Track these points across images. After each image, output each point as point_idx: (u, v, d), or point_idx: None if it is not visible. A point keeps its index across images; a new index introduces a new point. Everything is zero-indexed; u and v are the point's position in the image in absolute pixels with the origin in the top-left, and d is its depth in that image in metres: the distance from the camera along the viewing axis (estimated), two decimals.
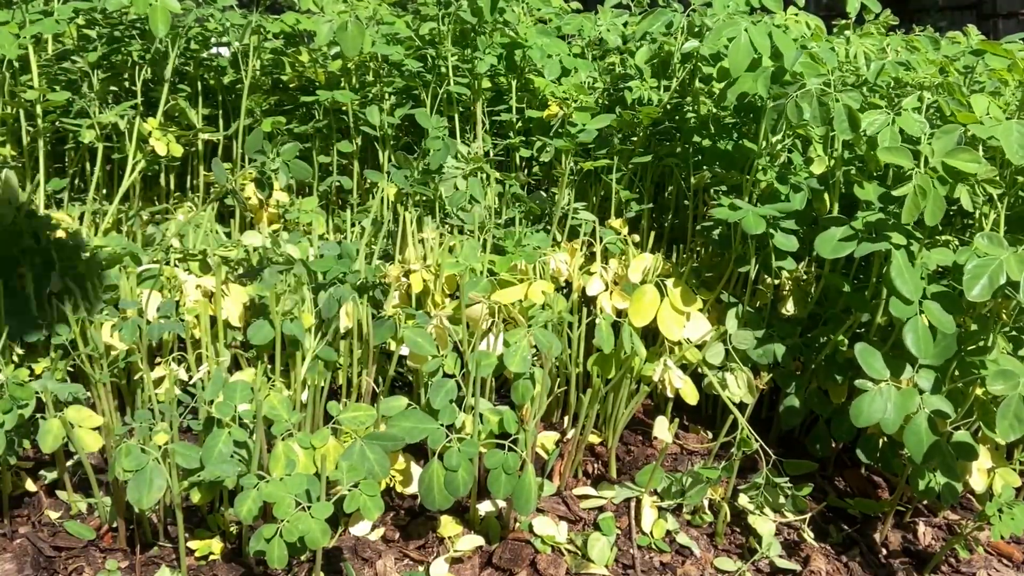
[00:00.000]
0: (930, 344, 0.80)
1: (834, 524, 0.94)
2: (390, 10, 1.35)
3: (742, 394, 0.94)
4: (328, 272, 0.89)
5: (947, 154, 0.79)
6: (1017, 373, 0.77)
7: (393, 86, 1.26)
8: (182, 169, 1.34)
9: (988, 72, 1.02)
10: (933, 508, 0.98)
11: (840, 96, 0.83)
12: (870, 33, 1.24)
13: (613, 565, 0.84)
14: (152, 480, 0.74)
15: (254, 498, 0.72)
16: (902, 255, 0.80)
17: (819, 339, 0.96)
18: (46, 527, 0.84)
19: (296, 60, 1.37)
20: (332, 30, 1.02)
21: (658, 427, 0.90)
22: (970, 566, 0.90)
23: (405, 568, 0.81)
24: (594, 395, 0.91)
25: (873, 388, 0.81)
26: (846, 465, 1.03)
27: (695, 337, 0.94)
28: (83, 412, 0.82)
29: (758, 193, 0.96)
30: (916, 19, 4.36)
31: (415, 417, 0.79)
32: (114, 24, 1.26)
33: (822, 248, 0.84)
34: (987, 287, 0.75)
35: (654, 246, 1.03)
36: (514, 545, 0.83)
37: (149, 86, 1.30)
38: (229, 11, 1.24)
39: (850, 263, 0.93)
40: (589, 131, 1.10)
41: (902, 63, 0.96)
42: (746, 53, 0.92)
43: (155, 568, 0.80)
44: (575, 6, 1.46)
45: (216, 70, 1.33)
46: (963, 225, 0.99)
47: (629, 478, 0.94)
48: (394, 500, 0.88)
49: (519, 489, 0.78)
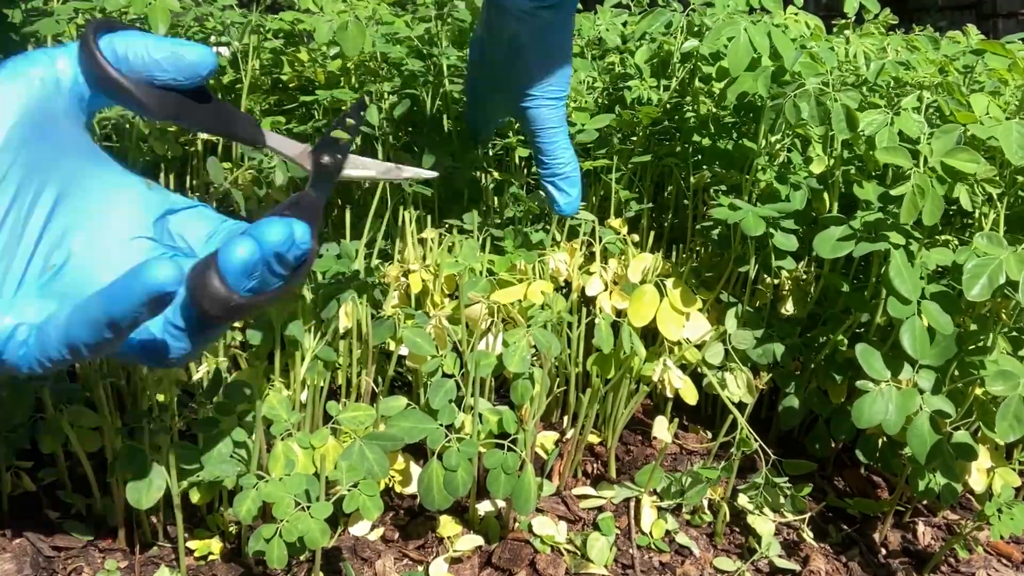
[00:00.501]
0: (927, 344, 0.80)
1: (833, 524, 0.94)
2: (389, 10, 1.35)
3: (742, 394, 0.94)
4: (327, 271, 0.89)
5: (946, 154, 0.79)
6: (1017, 373, 0.77)
7: (392, 85, 1.26)
8: (182, 169, 1.34)
9: (988, 72, 1.02)
10: (932, 508, 0.98)
11: (838, 96, 0.83)
12: (870, 33, 1.24)
13: (612, 565, 0.84)
14: (151, 480, 0.74)
15: (253, 498, 0.72)
16: (901, 255, 0.80)
17: (818, 339, 0.96)
18: (45, 527, 0.84)
19: (296, 59, 1.37)
20: (332, 29, 1.02)
21: (657, 427, 0.90)
22: (969, 566, 0.90)
23: (404, 568, 0.81)
24: (593, 395, 0.91)
25: (874, 389, 0.81)
26: (846, 465, 1.03)
27: (695, 337, 0.94)
28: (82, 412, 0.82)
29: (758, 193, 0.96)
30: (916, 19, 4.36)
31: (414, 417, 0.79)
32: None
33: (821, 248, 0.84)
34: (986, 287, 0.75)
35: (654, 246, 1.03)
36: (513, 545, 0.83)
37: None
38: (228, 10, 1.24)
39: (849, 263, 0.93)
40: (588, 131, 1.10)
41: (902, 63, 0.96)
42: (745, 52, 0.92)
43: (154, 568, 0.80)
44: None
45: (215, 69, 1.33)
46: (962, 225, 0.99)
47: (629, 478, 0.94)
48: (393, 500, 0.88)
49: (518, 489, 0.78)
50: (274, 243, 0.47)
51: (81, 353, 0.47)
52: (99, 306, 0.45)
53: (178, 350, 0.51)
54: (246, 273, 0.47)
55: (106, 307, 0.45)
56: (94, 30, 0.53)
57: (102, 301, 0.45)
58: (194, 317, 0.50)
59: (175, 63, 0.55)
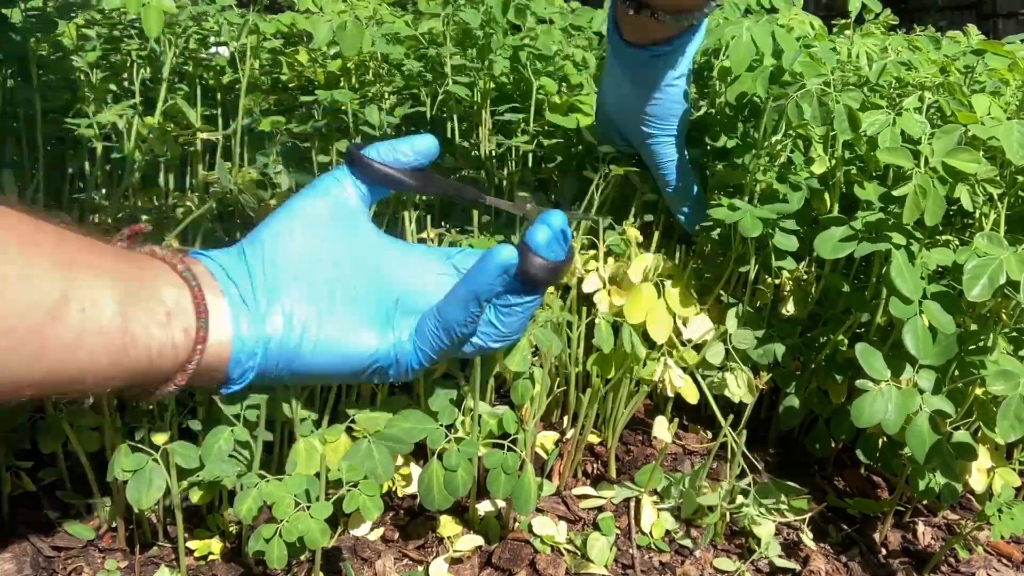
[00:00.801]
0: (929, 344, 0.80)
1: (833, 524, 0.94)
2: (390, 10, 1.35)
3: (742, 394, 0.94)
4: None
5: (947, 154, 0.79)
6: (1017, 373, 0.77)
7: (393, 85, 1.26)
8: (181, 169, 1.34)
9: (988, 72, 1.01)
10: (932, 508, 0.98)
11: (840, 96, 0.83)
12: (871, 32, 1.23)
13: (612, 565, 0.84)
14: (151, 480, 0.74)
15: (254, 498, 0.72)
16: (902, 255, 0.80)
17: (819, 339, 0.96)
18: (45, 527, 0.84)
19: (295, 60, 1.37)
20: (331, 30, 1.02)
21: (658, 427, 0.90)
22: (969, 566, 0.90)
23: (404, 568, 0.81)
24: (594, 395, 0.91)
25: (874, 389, 0.80)
26: (846, 465, 1.03)
27: (695, 337, 0.94)
28: (82, 412, 0.82)
29: (758, 193, 0.96)
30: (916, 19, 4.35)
31: (414, 417, 0.79)
32: (113, 24, 1.26)
33: (822, 248, 0.84)
34: (987, 287, 0.75)
35: (660, 243, 1.03)
36: (513, 545, 0.83)
37: (147, 85, 1.30)
38: (228, 11, 1.24)
39: (850, 263, 0.93)
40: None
41: (904, 63, 0.96)
42: (747, 52, 0.91)
43: (154, 568, 0.80)
44: (574, 5, 1.46)
45: (215, 70, 1.32)
46: (963, 225, 0.99)
47: (629, 478, 0.94)
48: (393, 500, 0.88)
49: (518, 489, 0.78)
50: (559, 224, 0.69)
51: (454, 333, 0.67)
52: (465, 287, 0.67)
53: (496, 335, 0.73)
54: (548, 246, 0.69)
55: (470, 286, 0.66)
56: (356, 149, 0.72)
57: (467, 282, 0.67)
58: (520, 288, 0.70)
59: (415, 150, 0.72)
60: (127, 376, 0.58)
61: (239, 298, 0.63)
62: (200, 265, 0.64)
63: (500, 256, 0.65)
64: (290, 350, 0.64)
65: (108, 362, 0.56)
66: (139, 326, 0.57)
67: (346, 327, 0.67)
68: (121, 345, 0.56)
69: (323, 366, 0.66)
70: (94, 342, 0.55)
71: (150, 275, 0.61)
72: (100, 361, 0.55)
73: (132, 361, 0.57)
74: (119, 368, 0.57)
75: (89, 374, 0.56)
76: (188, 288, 0.61)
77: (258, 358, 0.64)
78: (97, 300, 0.55)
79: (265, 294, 0.64)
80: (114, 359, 0.56)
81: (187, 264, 0.63)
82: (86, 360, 0.55)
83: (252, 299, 0.64)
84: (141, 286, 0.59)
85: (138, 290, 0.58)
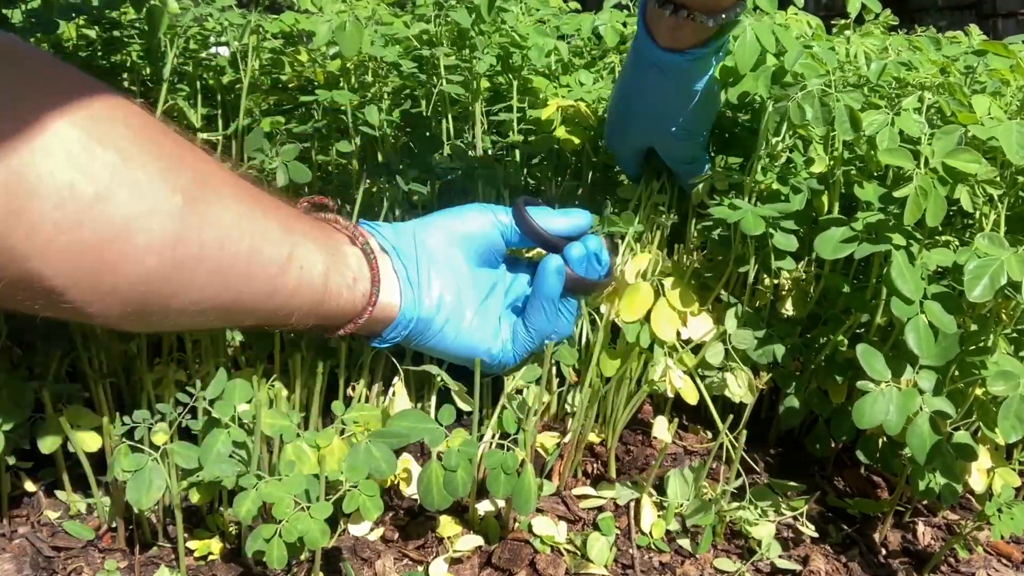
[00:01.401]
0: (932, 344, 0.80)
1: (833, 524, 0.94)
2: (389, 10, 1.35)
3: (742, 394, 0.94)
4: None
5: (947, 155, 0.79)
6: (1017, 374, 0.77)
7: (391, 85, 1.26)
8: None
9: (989, 72, 1.01)
10: (932, 508, 0.98)
11: (841, 96, 0.83)
12: (871, 33, 1.23)
13: (612, 565, 0.84)
14: (151, 480, 0.74)
15: (253, 498, 0.72)
16: (902, 256, 0.80)
17: (819, 339, 0.96)
18: (45, 527, 0.84)
19: (295, 60, 1.37)
20: (331, 30, 1.02)
21: (658, 427, 0.90)
22: (969, 566, 0.90)
23: (404, 568, 0.81)
24: (594, 395, 0.91)
25: (875, 389, 0.80)
26: (846, 465, 1.03)
27: (696, 337, 0.94)
28: (82, 412, 0.82)
29: (759, 193, 0.96)
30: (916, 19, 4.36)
31: (414, 417, 0.79)
32: (113, 24, 1.25)
33: (822, 249, 0.84)
34: (988, 288, 0.75)
35: (661, 243, 1.03)
36: (513, 545, 0.83)
37: (148, 86, 1.30)
38: (228, 11, 1.24)
39: (849, 263, 0.93)
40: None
41: (904, 63, 0.96)
42: (752, 51, 0.91)
43: (154, 568, 0.80)
44: (574, 6, 1.46)
45: (215, 70, 1.32)
46: (963, 225, 0.99)
47: (629, 478, 0.94)
48: (393, 500, 0.88)
49: (518, 489, 0.78)
50: (593, 247, 0.85)
51: (541, 334, 0.84)
52: (536, 296, 0.83)
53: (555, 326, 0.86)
54: (580, 263, 0.83)
55: (539, 293, 0.82)
56: (524, 203, 0.83)
57: (536, 292, 0.83)
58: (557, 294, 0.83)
59: (574, 226, 0.85)
60: (318, 320, 0.74)
61: (407, 279, 0.78)
62: (372, 240, 0.78)
63: (552, 263, 0.82)
64: (432, 330, 0.80)
65: (309, 309, 0.72)
66: (334, 285, 0.73)
67: (474, 326, 0.82)
68: (322, 297, 0.72)
69: (453, 350, 0.82)
70: (305, 292, 0.70)
71: (337, 242, 0.75)
72: (305, 307, 0.71)
73: (326, 310, 0.73)
74: (315, 315, 0.73)
75: (296, 315, 0.71)
76: (366, 259, 0.76)
77: (410, 328, 0.79)
78: (311, 260, 0.70)
79: (424, 279, 0.79)
80: (314, 307, 0.72)
81: (365, 237, 0.77)
82: (296, 305, 0.71)
83: (417, 282, 0.78)
84: (336, 251, 0.74)
85: (334, 255, 0.73)
